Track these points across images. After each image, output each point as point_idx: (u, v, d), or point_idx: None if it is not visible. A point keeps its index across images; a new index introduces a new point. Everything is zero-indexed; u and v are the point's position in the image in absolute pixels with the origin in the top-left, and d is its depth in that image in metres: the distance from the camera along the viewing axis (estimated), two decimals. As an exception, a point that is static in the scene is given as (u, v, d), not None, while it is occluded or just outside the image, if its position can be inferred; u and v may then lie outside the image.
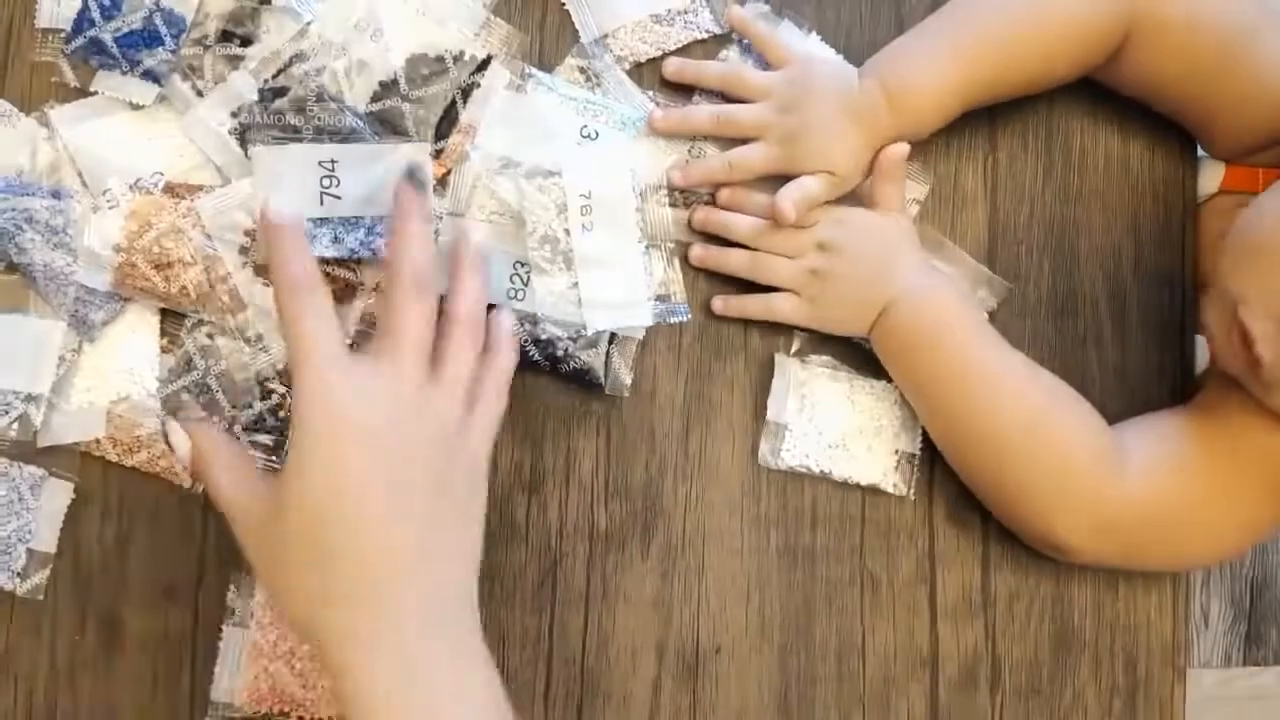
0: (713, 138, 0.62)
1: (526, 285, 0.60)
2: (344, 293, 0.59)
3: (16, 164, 0.59)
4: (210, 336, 0.59)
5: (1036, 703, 0.63)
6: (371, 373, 0.46)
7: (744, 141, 0.61)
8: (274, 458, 0.59)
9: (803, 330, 0.63)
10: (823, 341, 0.63)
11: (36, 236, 0.57)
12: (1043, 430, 0.57)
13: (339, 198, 0.58)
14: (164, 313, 0.59)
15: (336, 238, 0.58)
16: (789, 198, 0.58)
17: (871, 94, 0.59)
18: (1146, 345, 0.65)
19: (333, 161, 0.58)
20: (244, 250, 0.59)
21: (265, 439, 0.59)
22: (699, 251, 0.61)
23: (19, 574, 0.58)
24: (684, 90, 0.63)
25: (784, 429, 0.62)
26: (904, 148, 0.59)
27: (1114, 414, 0.61)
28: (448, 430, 0.48)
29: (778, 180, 0.60)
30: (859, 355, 0.63)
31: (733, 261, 0.61)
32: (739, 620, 0.62)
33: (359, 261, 0.59)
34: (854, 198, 0.62)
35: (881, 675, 0.62)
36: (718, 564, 0.62)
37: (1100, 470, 0.57)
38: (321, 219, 0.58)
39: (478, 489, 0.49)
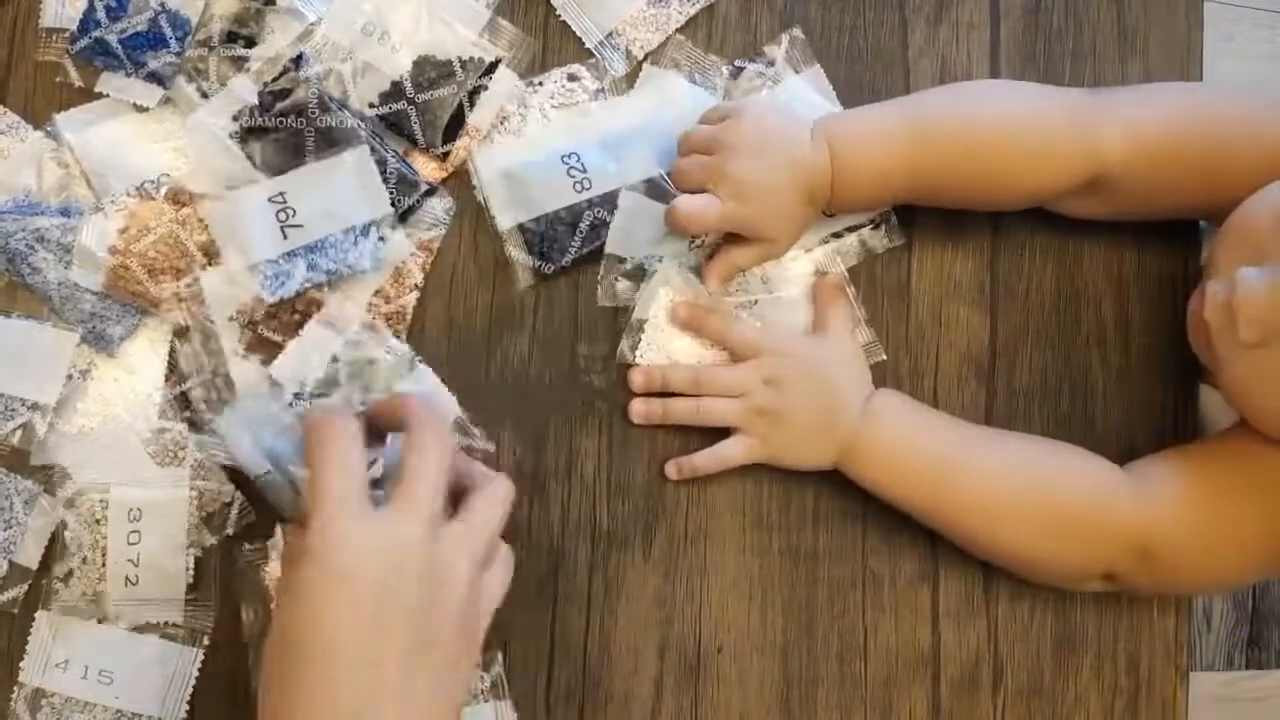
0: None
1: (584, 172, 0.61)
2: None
3: (24, 184, 0.59)
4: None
5: (1038, 703, 0.63)
6: (381, 520, 0.47)
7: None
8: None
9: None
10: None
11: (49, 255, 0.57)
12: (1056, 486, 0.58)
13: (301, 225, 0.58)
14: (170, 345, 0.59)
15: (311, 265, 0.58)
16: (715, 275, 0.59)
17: (818, 149, 0.57)
18: (1149, 347, 0.65)
19: (281, 195, 0.58)
20: (241, 324, 0.58)
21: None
22: (640, 408, 0.61)
23: None
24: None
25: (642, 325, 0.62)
26: (839, 277, 0.58)
27: (1116, 415, 0.61)
28: (452, 584, 0.47)
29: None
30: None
31: (677, 411, 0.60)
32: (741, 620, 0.62)
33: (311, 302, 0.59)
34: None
35: (883, 675, 0.62)
36: (719, 563, 0.62)
37: (1125, 494, 0.57)
38: (289, 253, 0.58)
39: (470, 646, 0.49)
